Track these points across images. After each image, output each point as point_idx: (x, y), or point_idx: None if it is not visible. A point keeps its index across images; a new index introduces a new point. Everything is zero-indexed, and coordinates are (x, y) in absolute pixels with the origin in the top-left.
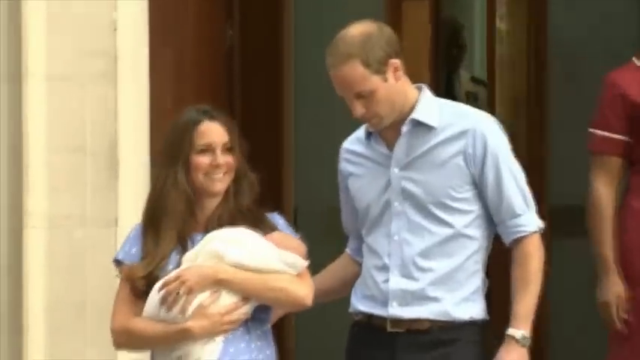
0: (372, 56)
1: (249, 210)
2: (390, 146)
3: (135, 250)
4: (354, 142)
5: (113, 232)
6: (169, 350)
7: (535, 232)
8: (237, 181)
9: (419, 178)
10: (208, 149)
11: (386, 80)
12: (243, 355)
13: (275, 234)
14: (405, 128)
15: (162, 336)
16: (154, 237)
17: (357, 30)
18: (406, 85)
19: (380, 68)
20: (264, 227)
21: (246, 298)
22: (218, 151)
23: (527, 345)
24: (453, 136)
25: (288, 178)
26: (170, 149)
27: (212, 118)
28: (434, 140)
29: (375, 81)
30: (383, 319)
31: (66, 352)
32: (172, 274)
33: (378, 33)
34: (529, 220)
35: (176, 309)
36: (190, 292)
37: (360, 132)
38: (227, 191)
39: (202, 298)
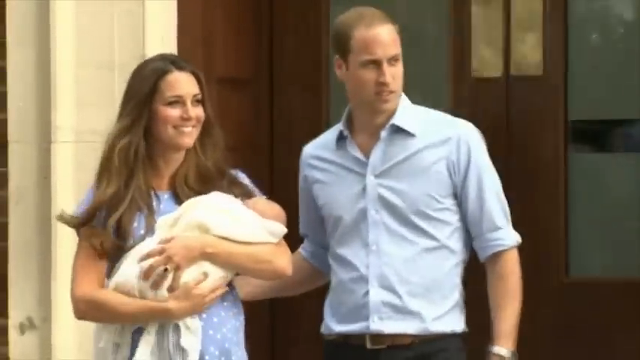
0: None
1: (218, 168)
2: (365, 152)
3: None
4: (318, 148)
5: None
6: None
7: (514, 246)
8: (203, 135)
9: (397, 187)
10: (179, 101)
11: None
12: (225, 325)
13: (258, 201)
14: (383, 134)
15: (136, 312)
16: (113, 192)
17: None
18: None
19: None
20: (234, 188)
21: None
22: (189, 103)
23: None
24: (435, 143)
25: (326, 89)
26: (134, 98)
27: (181, 68)
28: (413, 147)
29: (400, 49)
30: (362, 336)
31: None
32: (156, 247)
33: None
34: (508, 235)
35: (164, 286)
36: (179, 268)
37: (326, 137)
38: (193, 148)
39: (188, 274)
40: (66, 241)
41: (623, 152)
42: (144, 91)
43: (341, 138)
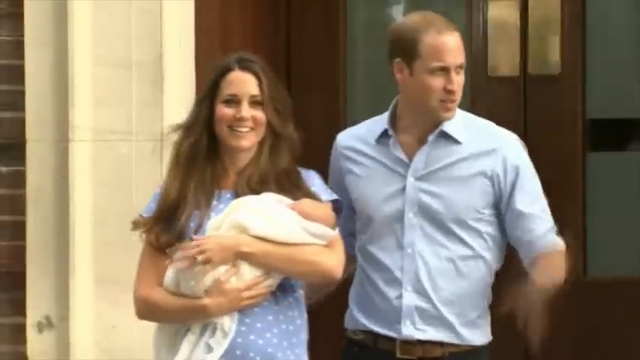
0: None
1: (285, 172)
2: (408, 154)
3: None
4: (353, 139)
5: (158, 146)
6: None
7: (559, 250)
8: (273, 139)
9: (438, 192)
10: (234, 100)
11: None
12: (270, 330)
13: (303, 202)
14: (431, 138)
15: (179, 311)
16: (176, 189)
17: None
18: None
19: None
20: (297, 192)
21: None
22: (244, 103)
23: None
24: (480, 154)
25: (343, 89)
26: (201, 95)
27: (245, 67)
28: (457, 155)
29: None
30: (392, 341)
31: (113, 267)
32: (192, 244)
33: None
34: (553, 241)
35: (189, 276)
36: (208, 261)
37: (363, 129)
38: (261, 149)
39: (222, 271)
40: (84, 239)
41: None
42: (206, 88)
43: (384, 135)
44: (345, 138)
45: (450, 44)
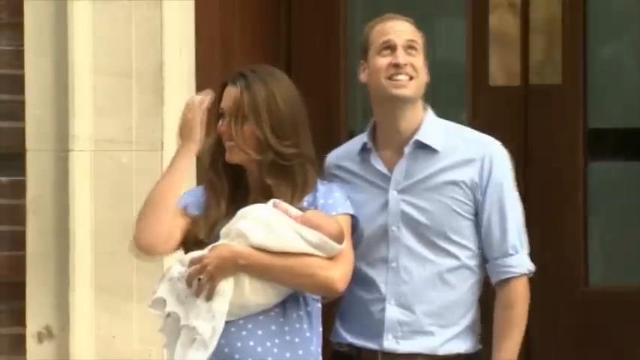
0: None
1: (276, 185)
2: (389, 166)
3: (190, 200)
4: (342, 158)
5: (159, 156)
6: None
7: (525, 274)
8: (259, 152)
9: (420, 205)
10: (222, 114)
11: (425, 65)
12: (271, 339)
13: (309, 213)
14: (407, 149)
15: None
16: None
17: None
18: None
19: (423, 51)
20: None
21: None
22: (226, 117)
23: None
24: (460, 162)
25: (344, 97)
26: None
27: (234, 82)
28: (437, 165)
29: (422, 49)
30: (374, 353)
31: (113, 277)
32: (199, 254)
33: None
34: (521, 262)
35: (202, 295)
36: (212, 279)
37: (348, 147)
38: (258, 167)
39: (226, 283)
40: (83, 249)
41: None
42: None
43: (364, 150)
44: (333, 157)
45: (396, 26)
